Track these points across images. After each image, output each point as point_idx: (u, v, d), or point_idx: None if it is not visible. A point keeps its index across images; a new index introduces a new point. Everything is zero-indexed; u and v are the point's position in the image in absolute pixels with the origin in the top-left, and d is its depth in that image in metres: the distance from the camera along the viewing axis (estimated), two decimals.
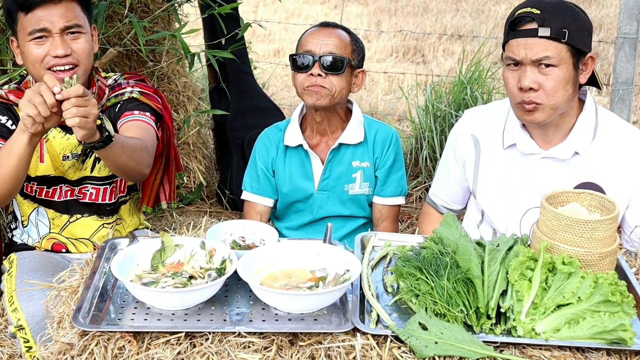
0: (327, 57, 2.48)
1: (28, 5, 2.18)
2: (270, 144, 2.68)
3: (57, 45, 2.20)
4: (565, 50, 2.09)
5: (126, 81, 2.50)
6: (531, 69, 2.11)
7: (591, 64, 2.17)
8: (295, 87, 2.57)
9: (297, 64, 2.52)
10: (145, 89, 2.49)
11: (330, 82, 2.49)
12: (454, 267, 1.75)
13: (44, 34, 2.20)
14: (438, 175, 2.59)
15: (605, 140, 2.23)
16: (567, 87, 2.13)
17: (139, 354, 1.59)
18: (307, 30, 2.63)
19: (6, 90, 2.36)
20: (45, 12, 2.19)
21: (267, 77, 5.99)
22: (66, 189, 2.45)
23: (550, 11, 2.09)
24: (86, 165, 2.43)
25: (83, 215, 2.49)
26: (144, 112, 2.43)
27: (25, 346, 2.15)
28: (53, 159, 2.37)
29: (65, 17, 2.20)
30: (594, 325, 1.61)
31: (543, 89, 2.11)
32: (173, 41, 3.57)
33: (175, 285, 1.76)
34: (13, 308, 2.17)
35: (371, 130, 2.65)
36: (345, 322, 1.67)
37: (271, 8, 9.23)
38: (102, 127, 2.03)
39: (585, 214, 1.89)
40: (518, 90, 2.15)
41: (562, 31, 2.07)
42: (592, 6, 8.98)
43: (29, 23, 2.19)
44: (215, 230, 2.03)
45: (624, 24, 3.73)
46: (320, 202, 2.66)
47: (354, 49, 2.56)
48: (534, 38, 2.09)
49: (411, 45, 7.96)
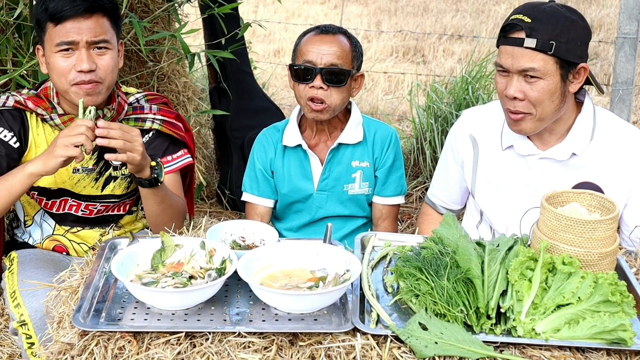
0: (329, 70, 2.45)
1: (59, 17, 2.15)
2: (268, 145, 2.67)
3: (82, 60, 2.17)
4: (552, 62, 2.08)
5: (148, 105, 2.46)
6: (517, 78, 2.11)
7: (583, 74, 2.16)
8: (296, 95, 2.55)
9: (297, 74, 2.50)
10: (167, 116, 2.46)
11: (331, 95, 2.47)
12: (454, 267, 1.75)
13: (71, 46, 2.17)
14: (437, 175, 2.59)
15: (604, 141, 2.23)
16: (552, 98, 2.12)
17: (139, 354, 1.59)
18: (305, 34, 2.57)
19: (25, 96, 2.32)
20: (74, 25, 2.16)
21: (267, 77, 5.99)
22: (72, 203, 2.43)
23: (541, 20, 2.07)
24: (98, 184, 2.41)
25: (84, 228, 2.49)
26: (174, 153, 2.46)
27: (28, 342, 2.14)
28: (62, 171, 2.32)
29: (93, 31, 2.18)
30: (594, 325, 1.61)
31: (528, 99, 2.11)
32: (173, 41, 3.57)
33: (175, 285, 1.76)
34: (16, 304, 2.17)
35: (370, 130, 2.65)
36: (345, 322, 1.67)
37: (271, 8, 9.23)
38: (154, 168, 2.18)
39: (585, 214, 1.89)
40: (504, 97, 2.16)
41: (548, 43, 2.05)
42: (592, 6, 8.97)
43: (58, 35, 2.17)
44: (215, 230, 2.03)
45: (624, 24, 3.73)
46: (319, 202, 2.66)
47: (354, 55, 2.53)
48: (520, 48, 2.08)
49: (411, 45, 7.96)
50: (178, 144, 2.48)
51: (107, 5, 2.23)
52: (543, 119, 2.15)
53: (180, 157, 2.48)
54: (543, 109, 2.13)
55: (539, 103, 2.11)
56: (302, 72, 2.48)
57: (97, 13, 2.19)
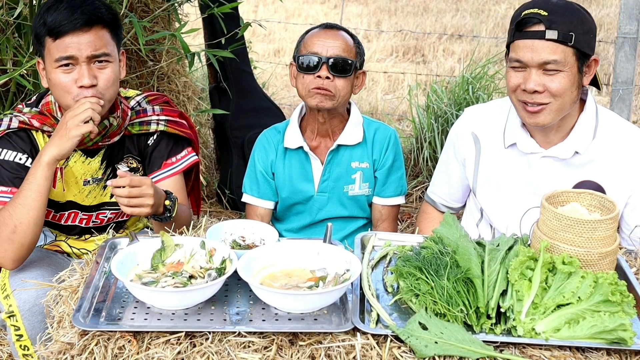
0: (335, 59, 2.47)
1: (57, 31, 2.11)
2: (269, 146, 2.66)
3: (83, 75, 2.13)
4: (571, 54, 2.09)
5: (151, 106, 2.43)
6: (536, 72, 2.11)
7: (594, 66, 2.17)
8: (298, 88, 2.55)
9: (303, 65, 2.51)
10: (170, 115, 2.44)
11: (335, 86, 2.48)
12: (454, 266, 1.75)
13: (71, 61, 2.13)
14: (437, 173, 2.59)
15: (606, 140, 2.23)
16: (572, 89, 2.12)
17: (139, 353, 1.59)
18: (308, 31, 2.60)
19: (29, 115, 2.28)
20: (74, 39, 2.12)
21: (267, 77, 5.99)
22: (82, 217, 2.42)
23: (557, 13, 2.08)
24: (106, 191, 2.40)
25: (92, 235, 2.48)
26: (177, 154, 2.44)
27: (16, 334, 2.13)
28: (72, 184, 2.32)
29: (93, 45, 2.14)
30: (594, 325, 1.61)
31: (548, 90, 2.11)
32: (173, 41, 3.57)
33: (175, 285, 1.76)
34: (5, 295, 2.15)
35: (370, 130, 2.64)
36: (345, 321, 1.67)
37: (271, 8, 9.23)
38: (167, 207, 2.18)
39: (585, 213, 1.89)
40: (522, 91, 2.15)
41: (569, 34, 2.06)
42: (592, 6, 8.98)
43: (57, 49, 2.13)
44: (215, 230, 2.03)
45: (624, 24, 3.73)
46: (320, 203, 2.65)
47: (357, 51, 2.55)
48: (540, 40, 2.08)
49: (411, 45, 7.96)
50: (182, 142, 2.47)
51: (106, 17, 2.18)
52: (561, 110, 2.15)
53: (185, 156, 2.47)
54: (563, 100, 2.12)
55: (560, 94, 2.11)
56: (308, 62, 2.48)
57: (96, 26, 2.15)
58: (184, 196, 2.47)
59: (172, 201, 2.21)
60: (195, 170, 2.59)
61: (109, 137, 2.31)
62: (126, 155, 2.40)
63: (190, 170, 2.56)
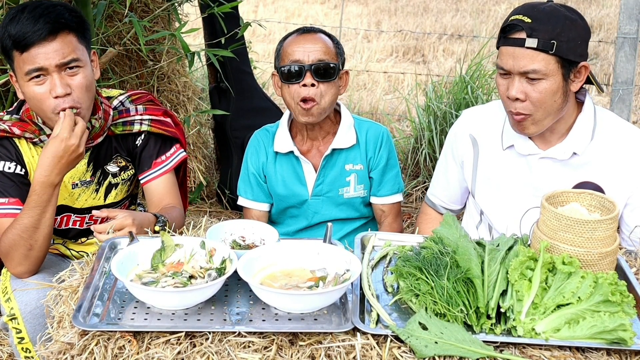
0: (318, 65, 2.44)
1: (23, 44, 2.07)
2: (260, 148, 2.64)
3: (55, 84, 2.09)
4: (553, 62, 2.08)
5: (134, 106, 2.41)
6: (519, 79, 2.11)
7: (584, 73, 2.16)
8: (285, 98, 2.51)
9: (285, 75, 2.47)
10: (154, 114, 2.42)
11: (321, 92, 2.45)
12: (454, 267, 1.75)
13: (42, 72, 2.09)
14: (436, 175, 2.59)
15: (604, 141, 2.23)
16: (555, 97, 2.12)
17: (139, 353, 1.59)
18: (286, 37, 2.55)
19: (9, 124, 2.24)
20: (40, 49, 2.07)
21: (267, 77, 5.99)
22: (75, 219, 2.42)
23: (541, 20, 2.06)
24: (99, 195, 2.40)
25: (88, 238, 2.48)
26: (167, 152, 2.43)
27: (18, 337, 2.12)
28: (61, 188, 2.28)
29: (61, 53, 2.09)
30: (594, 325, 1.61)
31: (529, 100, 2.11)
32: (173, 40, 3.58)
33: (175, 285, 1.76)
34: (7, 297, 2.14)
35: (362, 131, 2.62)
36: (345, 321, 1.67)
37: (271, 8, 9.24)
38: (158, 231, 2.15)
39: (585, 214, 1.89)
40: (506, 98, 2.15)
41: (549, 42, 2.05)
42: (592, 6, 8.97)
43: (25, 62, 2.09)
44: (215, 230, 2.03)
45: (624, 24, 3.73)
46: (315, 207, 2.64)
47: (337, 52, 2.53)
48: (521, 48, 2.07)
49: (411, 45, 7.96)
50: (170, 140, 2.46)
51: (71, 21, 2.13)
52: (545, 119, 2.15)
53: (174, 154, 2.45)
54: (545, 110, 2.12)
55: (541, 104, 2.11)
56: (291, 72, 2.46)
57: (61, 32, 2.10)
58: (177, 194, 2.45)
59: (162, 225, 2.18)
60: (183, 166, 2.59)
61: (92, 139, 2.29)
62: (115, 155, 2.39)
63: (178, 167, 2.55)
